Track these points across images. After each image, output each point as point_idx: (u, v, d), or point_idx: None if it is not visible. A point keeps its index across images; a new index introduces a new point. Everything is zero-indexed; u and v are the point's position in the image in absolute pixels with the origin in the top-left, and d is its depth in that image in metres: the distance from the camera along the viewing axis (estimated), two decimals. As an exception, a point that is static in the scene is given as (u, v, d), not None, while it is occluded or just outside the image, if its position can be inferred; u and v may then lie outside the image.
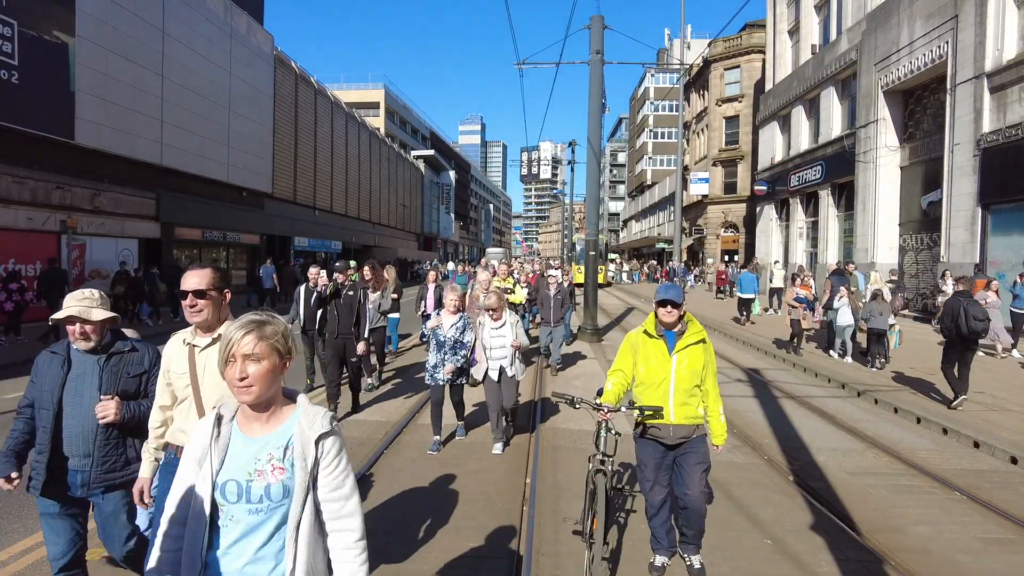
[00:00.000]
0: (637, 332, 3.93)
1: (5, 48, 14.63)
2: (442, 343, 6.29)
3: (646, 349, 3.84)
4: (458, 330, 6.33)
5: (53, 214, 16.32)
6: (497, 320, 6.32)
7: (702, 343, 3.79)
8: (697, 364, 3.76)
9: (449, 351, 6.28)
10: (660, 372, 3.78)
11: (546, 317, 10.64)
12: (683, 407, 3.75)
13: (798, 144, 27.22)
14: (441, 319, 6.33)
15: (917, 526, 4.78)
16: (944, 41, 16.85)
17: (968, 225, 15.89)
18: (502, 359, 6.28)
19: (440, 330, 6.30)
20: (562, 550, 4.23)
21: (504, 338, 6.26)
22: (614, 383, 3.88)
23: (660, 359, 3.79)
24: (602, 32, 14.65)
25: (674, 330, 3.80)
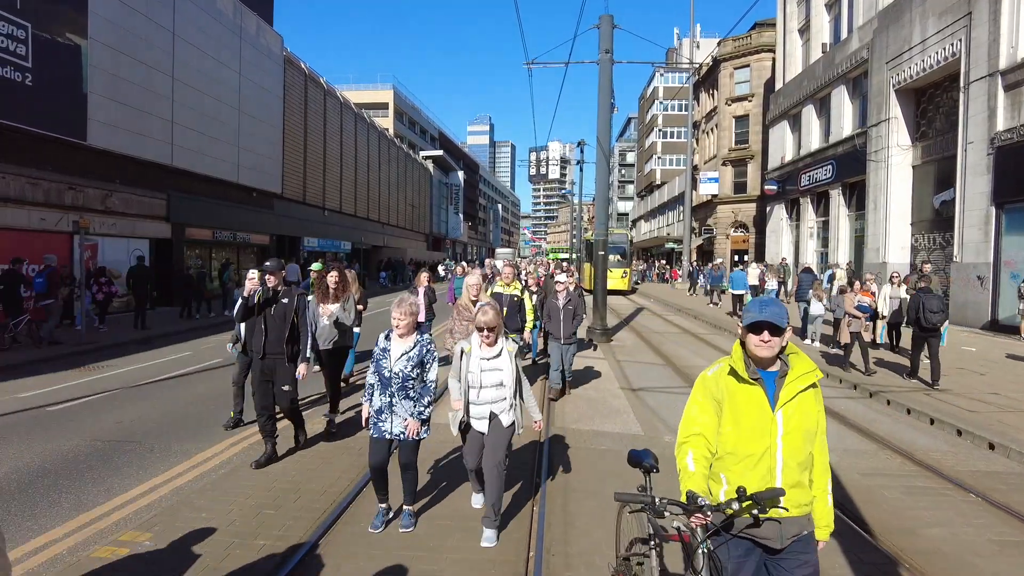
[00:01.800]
0: (718, 372, 2.61)
1: (19, 50, 14.76)
2: (387, 380, 4.36)
3: (735, 400, 2.53)
4: (410, 362, 4.38)
5: (65, 214, 16.45)
6: (492, 346, 4.33)
7: (813, 388, 2.52)
8: (810, 420, 2.50)
9: (398, 392, 4.36)
10: (759, 437, 2.47)
11: (554, 332, 8.61)
12: (795, 490, 2.46)
13: (808, 143, 27.07)
14: (389, 343, 4.44)
15: (931, 528, 4.73)
16: (957, 39, 16.68)
17: (982, 224, 15.72)
18: (494, 403, 4.32)
19: (384, 361, 4.39)
20: None
21: (500, 372, 4.28)
22: (696, 455, 2.54)
23: (759, 417, 2.47)
24: (611, 31, 14.62)
25: (775, 369, 2.53)
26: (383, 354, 4.40)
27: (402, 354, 4.37)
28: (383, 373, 4.37)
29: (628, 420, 7.59)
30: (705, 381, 2.65)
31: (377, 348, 4.44)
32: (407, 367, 4.36)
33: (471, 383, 4.30)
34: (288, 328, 5.78)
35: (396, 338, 4.42)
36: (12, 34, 14.54)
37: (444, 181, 68.63)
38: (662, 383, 10.05)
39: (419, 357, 4.42)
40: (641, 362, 11.96)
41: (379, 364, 4.41)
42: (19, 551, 4.17)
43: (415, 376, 4.40)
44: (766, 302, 2.54)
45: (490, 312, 4.30)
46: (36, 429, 7.04)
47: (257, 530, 4.43)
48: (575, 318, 8.65)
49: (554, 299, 8.83)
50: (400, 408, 4.37)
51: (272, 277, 5.82)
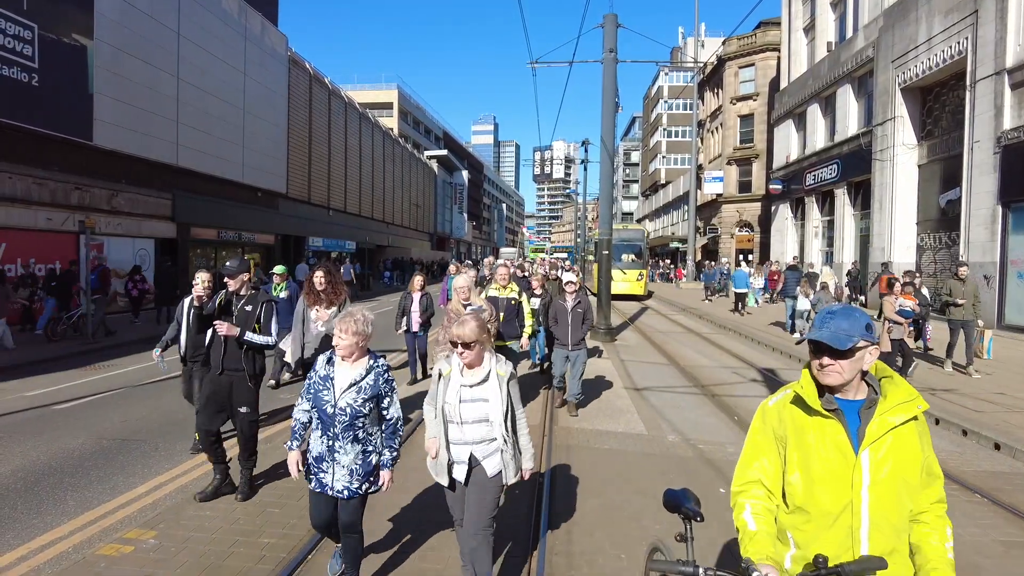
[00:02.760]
0: (781, 402, 2.08)
1: (26, 51, 14.84)
2: (329, 418, 3.33)
3: (803, 438, 1.96)
4: (361, 394, 3.37)
5: (72, 214, 16.53)
6: (474, 367, 3.34)
7: (914, 420, 1.92)
8: (910, 466, 1.89)
9: (343, 434, 3.32)
10: (837, 487, 1.89)
11: (561, 338, 7.72)
12: (891, 557, 1.86)
13: (814, 142, 26.99)
14: (332, 370, 3.42)
15: (936, 528, 4.70)
16: (964, 37, 16.60)
17: (988, 224, 15.65)
18: (477, 443, 3.32)
19: (325, 393, 3.36)
20: None
21: (485, 405, 3.29)
22: (756, 509, 2.02)
23: (835, 460, 1.90)
24: (615, 31, 14.61)
25: (859, 397, 1.95)
26: (324, 384, 3.36)
27: (350, 384, 3.33)
28: (324, 408, 3.31)
29: (632, 420, 7.59)
30: (765, 413, 2.11)
31: (315, 375, 3.42)
32: (356, 401, 3.32)
33: (448, 416, 3.29)
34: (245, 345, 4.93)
35: (341, 362, 3.41)
36: (19, 35, 14.62)
37: (448, 181, 68.72)
38: (666, 383, 10.04)
39: (373, 388, 3.39)
40: (645, 361, 11.95)
41: (318, 397, 3.35)
42: (24, 548, 4.20)
43: (367, 413, 3.37)
44: (834, 313, 1.96)
45: (469, 324, 3.20)
46: (42, 427, 7.08)
47: (262, 527, 4.45)
48: (584, 321, 7.71)
49: (562, 300, 7.78)
50: (344, 455, 3.32)
51: (233, 281, 4.98)
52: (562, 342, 7.75)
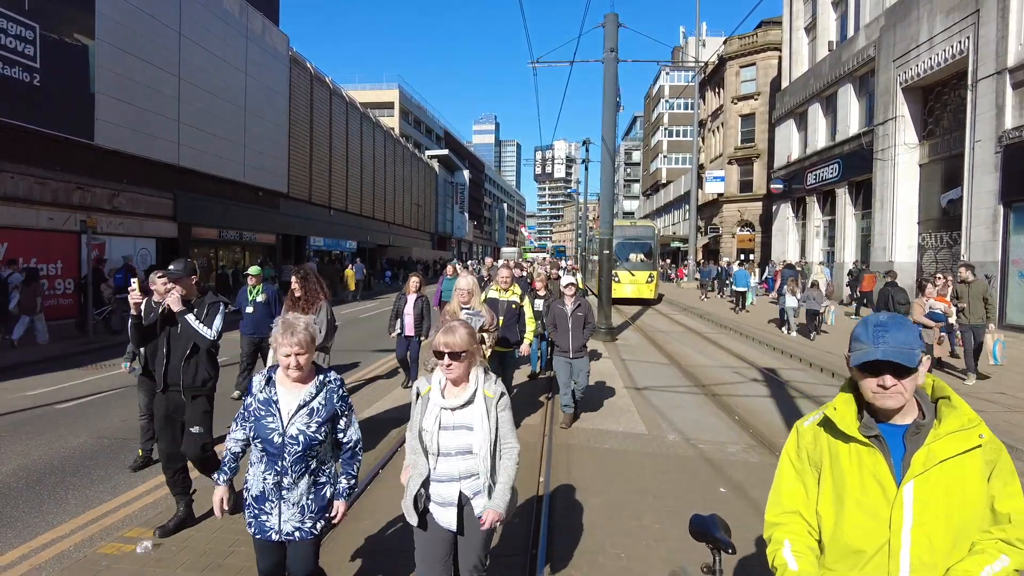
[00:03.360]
0: (816, 422, 1.83)
1: (27, 51, 14.86)
2: (277, 449, 2.76)
3: (838, 466, 1.74)
4: (315, 416, 2.83)
5: (73, 214, 16.55)
6: (459, 384, 2.83)
7: (978, 449, 1.64)
8: (968, 504, 1.62)
9: (294, 467, 2.77)
10: (872, 525, 1.66)
11: (561, 344, 7.16)
12: None
13: (815, 142, 26.97)
14: (274, 391, 2.85)
15: (937, 528, 4.70)
16: (965, 36, 16.58)
17: (989, 223, 15.63)
18: (464, 479, 2.79)
19: (270, 419, 2.78)
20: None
21: (468, 434, 2.76)
22: (798, 546, 1.77)
23: (873, 493, 1.67)
24: (616, 30, 14.62)
25: (905, 421, 1.71)
26: (267, 409, 2.78)
27: (300, 406, 2.79)
28: (269, 438, 2.73)
29: (632, 419, 7.59)
30: (799, 436, 1.85)
31: (253, 399, 2.83)
32: (310, 426, 2.77)
33: (427, 446, 2.74)
34: (188, 351, 4.36)
35: (285, 381, 2.84)
36: (20, 35, 14.64)
37: (449, 180, 68.74)
38: (667, 382, 10.04)
39: (328, 409, 2.85)
40: (646, 361, 11.95)
41: (261, 424, 2.76)
42: (26, 547, 4.21)
43: (322, 439, 2.82)
44: (885, 325, 1.68)
45: (459, 330, 2.73)
46: (44, 426, 7.09)
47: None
48: (586, 326, 7.17)
49: (560, 304, 7.25)
50: (294, 491, 2.76)
51: (179, 284, 4.31)
52: (562, 349, 7.18)
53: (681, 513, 4.77)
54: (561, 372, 7.22)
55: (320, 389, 2.87)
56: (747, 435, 7.03)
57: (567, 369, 7.14)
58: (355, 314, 20.18)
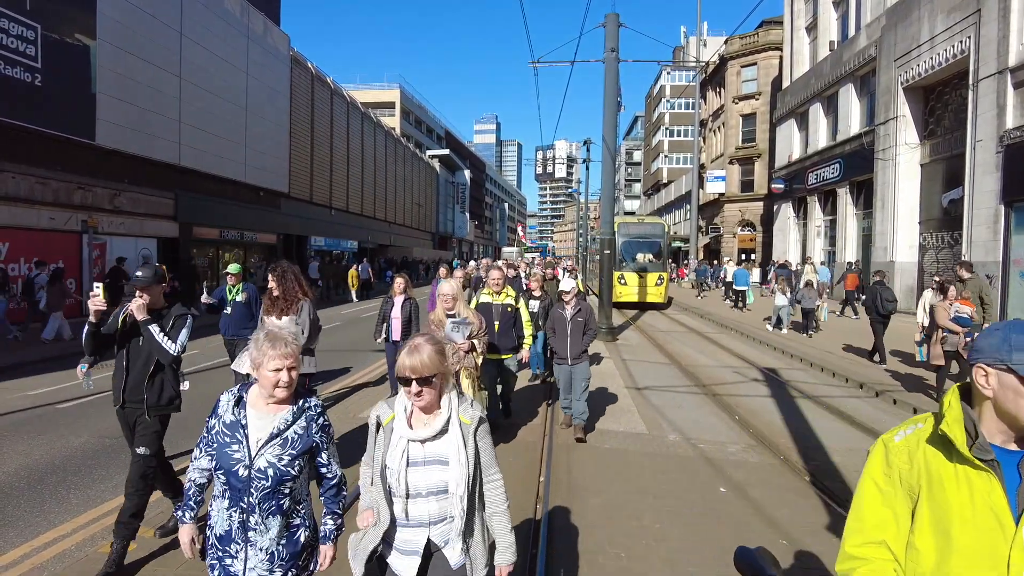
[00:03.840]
0: (913, 439, 1.59)
1: (29, 51, 14.89)
2: (242, 483, 2.33)
3: (942, 492, 1.50)
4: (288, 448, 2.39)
5: (75, 214, 16.59)
6: (429, 412, 2.35)
7: None
8: None
9: (262, 504, 2.34)
10: (986, 564, 1.44)
11: (560, 351, 6.82)
12: None
13: (816, 142, 26.96)
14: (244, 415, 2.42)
15: (936, 528, 4.70)
16: (966, 36, 16.56)
17: (991, 223, 15.61)
18: (434, 524, 2.32)
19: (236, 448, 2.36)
20: (575, 548, 4.21)
21: (443, 469, 2.28)
22: None
23: (987, 527, 1.44)
24: (617, 30, 14.61)
25: (1015, 447, 1.49)
26: (233, 434, 2.36)
27: (273, 435, 2.35)
28: (234, 470, 2.31)
29: (633, 419, 7.60)
30: (888, 452, 1.58)
31: (217, 422, 2.41)
32: (282, 459, 2.34)
33: (392, 487, 2.25)
34: (151, 365, 4.00)
35: (258, 403, 2.42)
36: (22, 35, 14.68)
37: (450, 180, 68.76)
38: (667, 382, 10.04)
39: (305, 440, 2.42)
40: (646, 361, 11.95)
41: (225, 454, 2.33)
42: (27, 546, 4.22)
43: (296, 474, 2.38)
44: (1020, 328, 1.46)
45: (424, 349, 2.22)
46: (45, 426, 7.11)
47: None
48: (586, 332, 6.76)
49: (560, 308, 6.88)
50: (262, 534, 2.34)
51: (145, 292, 3.92)
52: (561, 356, 6.83)
53: (681, 513, 4.79)
54: (561, 378, 6.96)
55: (298, 416, 2.44)
56: (747, 435, 7.04)
57: (567, 376, 6.85)
58: (356, 314, 20.19)
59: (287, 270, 5.50)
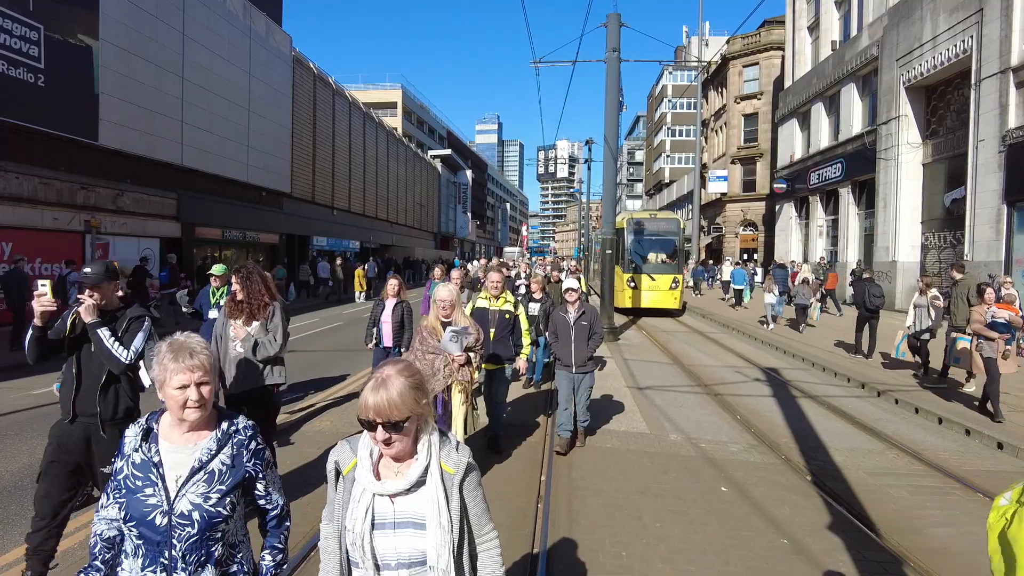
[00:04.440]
0: None
1: (32, 52, 14.92)
2: (160, 534, 1.88)
3: None
4: (217, 484, 1.96)
5: (77, 214, 16.63)
6: (402, 460, 1.81)
7: None
8: None
9: (189, 556, 1.90)
10: None
11: (563, 357, 6.29)
12: None
13: (818, 141, 26.93)
14: (157, 450, 1.97)
15: (938, 527, 4.71)
16: (968, 35, 16.54)
17: (993, 223, 15.59)
18: None
19: (149, 492, 1.91)
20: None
21: (418, 535, 1.76)
22: None
23: None
24: (619, 30, 14.62)
25: None
26: (145, 476, 1.93)
27: (195, 470, 1.94)
28: (149, 519, 1.89)
29: (634, 419, 7.60)
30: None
31: (125, 463, 1.97)
32: (209, 498, 1.93)
33: (353, 555, 1.81)
34: (103, 374, 3.52)
35: (171, 433, 2.00)
36: (25, 36, 14.70)
37: (452, 180, 68.76)
38: (669, 382, 10.05)
39: (236, 471, 2.01)
40: (648, 360, 11.96)
41: (136, 501, 1.91)
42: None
43: (229, 514, 1.97)
44: None
45: (393, 385, 1.71)
46: (48, 425, 7.10)
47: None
48: (591, 336, 6.22)
49: (562, 311, 6.36)
50: None
51: (96, 291, 3.44)
52: (564, 363, 6.25)
53: (682, 512, 4.80)
54: (562, 387, 6.32)
55: (224, 442, 2.01)
56: (749, 435, 7.04)
57: (568, 385, 6.24)
58: (357, 314, 20.20)
59: (252, 271, 4.97)
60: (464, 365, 4.91)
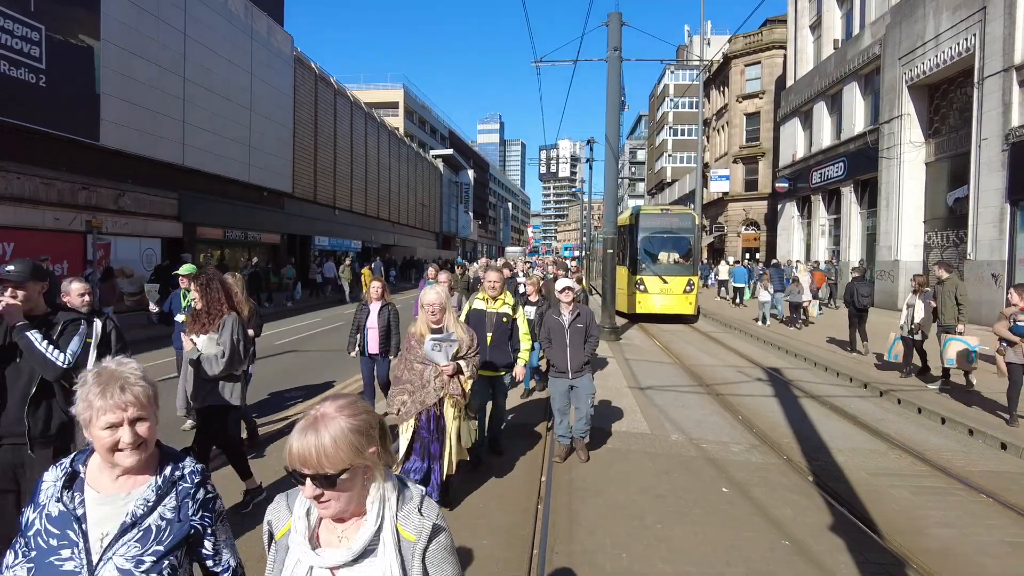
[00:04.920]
0: None
1: (33, 52, 14.94)
2: None
3: None
4: (153, 543, 1.58)
5: (79, 214, 16.64)
6: (345, 520, 1.45)
7: None
8: None
9: None
10: None
11: (558, 363, 5.82)
12: None
13: (820, 140, 26.86)
14: (82, 500, 1.59)
15: (940, 528, 4.68)
16: (972, 33, 16.47)
17: (996, 222, 15.52)
18: None
19: (65, 556, 1.53)
20: (576, 549, 4.19)
21: None
22: None
23: None
24: (620, 29, 14.57)
25: None
26: (63, 531, 1.57)
27: (127, 527, 1.58)
28: None
29: (635, 419, 7.57)
30: None
31: (38, 516, 1.60)
32: (142, 562, 1.57)
33: None
34: (31, 388, 3.08)
35: (100, 480, 1.64)
36: (26, 36, 14.72)
37: (454, 180, 68.75)
38: (671, 381, 10.02)
39: (177, 527, 1.65)
40: (650, 360, 11.92)
41: (48, 564, 1.53)
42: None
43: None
44: None
45: (327, 429, 1.34)
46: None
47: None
48: (587, 340, 5.82)
49: (556, 314, 5.93)
50: None
51: (19, 291, 3.09)
52: (559, 369, 5.82)
53: (683, 513, 4.77)
54: (557, 397, 5.87)
55: (166, 491, 1.65)
56: (751, 435, 7.01)
57: (565, 393, 5.84)
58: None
59: (213, 278, 4.56)
60: (455, 376, 4.41)
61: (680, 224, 19.37)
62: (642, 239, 18.72)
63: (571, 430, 5.95)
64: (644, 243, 18.75)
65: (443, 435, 4.46)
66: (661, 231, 19.12)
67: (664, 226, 19.24)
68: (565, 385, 5.83)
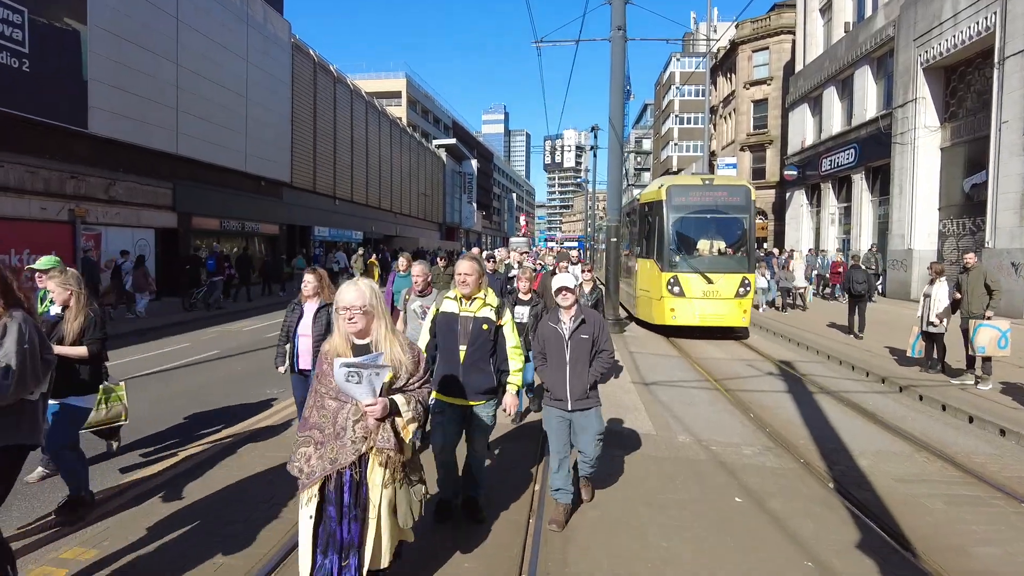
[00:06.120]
0: None
1: (15, 35, 14.42)
2: None
3: None
4: None
5: (67, 204, 16.20)
6: None
7: None
8: None
9: None
10: None
11: (555, 388, 4.26)
12: None
13: (830, 127, 26.18)
14: None
15: (982, 546, 4.15)
16: (992, 12, 15.78)
17: (1017, 208, 14.90)
18: None
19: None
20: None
21: None
22: None
23: None
24: (623, 7, 13.98)
25: None
26: None
27: None
28: None
29: (639, 418, 7.06)
30: None
31: None
32: None
33: None
34: None
35: None
36: (8, 19, 14.22)
37: (457, 170, 68.11)
38: (677, 377, 9.51)
39: None
40: (654, 353, 11.41)
41: None
42: None
43: None
44: None
45: None
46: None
47: (220, 543, 3.97)
48: (596, 356, 4.27)
49: (553, 322, 4.31)
50: None
51: None
52: (556, 396, 4.26)
53: (691, 528, 4.26)
54: (553, 433, 4.30)
55: None
56: (764, 435, 6.49)
57: (563, 429, 4.27)
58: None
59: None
60: (385, 419, 2.78)
61: (729, 200, 13.65)
62: (675, 221, 13.34)
63: (570, 478, 4.33)
64: (678, 225, 13.40)
65: (364, 511, 2.81)
66: (702, 210, 13.64)
67: (707, 203, 13.67)
68: (564, 419, 4.26)
